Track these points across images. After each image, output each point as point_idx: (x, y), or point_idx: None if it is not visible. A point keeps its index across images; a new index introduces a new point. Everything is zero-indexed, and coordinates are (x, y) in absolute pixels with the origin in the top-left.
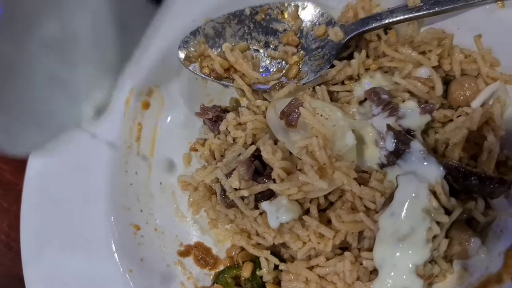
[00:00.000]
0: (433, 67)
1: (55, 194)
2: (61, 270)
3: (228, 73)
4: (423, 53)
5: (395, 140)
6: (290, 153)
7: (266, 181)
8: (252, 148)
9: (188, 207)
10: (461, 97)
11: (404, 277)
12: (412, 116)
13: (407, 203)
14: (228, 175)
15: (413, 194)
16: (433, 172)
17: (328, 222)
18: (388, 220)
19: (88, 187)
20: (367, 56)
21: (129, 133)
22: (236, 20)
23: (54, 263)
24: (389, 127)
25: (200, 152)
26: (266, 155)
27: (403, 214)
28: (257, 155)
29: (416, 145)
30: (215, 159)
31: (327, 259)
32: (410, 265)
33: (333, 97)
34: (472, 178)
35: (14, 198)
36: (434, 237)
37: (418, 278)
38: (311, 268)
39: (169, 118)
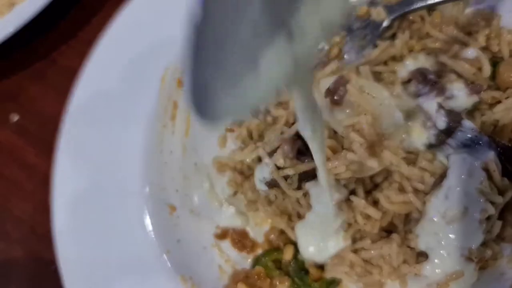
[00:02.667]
0: (480, 49)
1: (88, 173)
2: (97, 251)
3: None
4: (469, 34)
5: (446, 119)
6: (335, 132)
7: (311, 160)
8: (295, 126)
9: (227, 186)
10: (511, 79)
11: (455, 260)
12: (460, 96)
13: (460, 182)
14: (271, 153)
15: (467, 173)
16: (486, 151)
17: (373, 204)
18: (439, 201)
19: (122, 165)
20: (411, 37)
21: (164, 111)
22: None
23: (89, 244)
24: (439, 105)
25: (236, 133)
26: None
27: (455, 194)
28: (300, 135)
29: (467, 123)
30: (252, 139)
31: (373, 242)
32: (462, 248)
33: (376, 78)
34: None
35: (40, 181)
36: (487, 218)
37: (470, 261)
38: (355, 251)
39: None
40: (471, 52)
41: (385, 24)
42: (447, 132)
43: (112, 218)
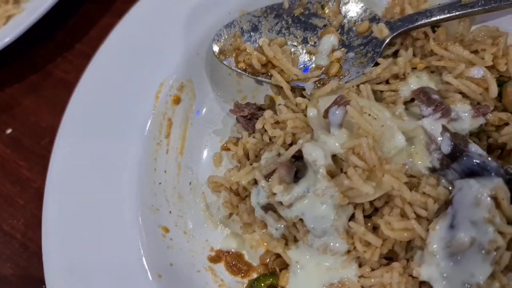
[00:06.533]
0: (486, 68)
1: (80, 190)
2: (86, 272)
3: (265, 68)
4: (475, 52)
5: (452, 142)
6: (334, 155)
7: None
8: (294, 148)
9: (223, 207)
10: None
11: None
12: (465, 118)
13: (467, 210)
14: (267, 176)
15: (474, 201)
16: (494, 177)
17: (373, 230)
18: (443, 230)
19: (115, 185)
20: (414, 55)
21: (159, 129)
22: (273, 13)
23: (79, 266)
24: (445, 128)
25: (232, 152)
26: (308, 156)
27: (462, 223)
28: (297, 156)
29: (474, 148)
30: (248, 159)
31: (372, 270)
32: (469, 280)
33: (377, 97)
34: None
35: (31, 196)
36: (496, 249)
37: None
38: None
39: (200, 115)
40: (477, 72)
41: (387, 41)
42: (452, 157)
43: (102, 240)
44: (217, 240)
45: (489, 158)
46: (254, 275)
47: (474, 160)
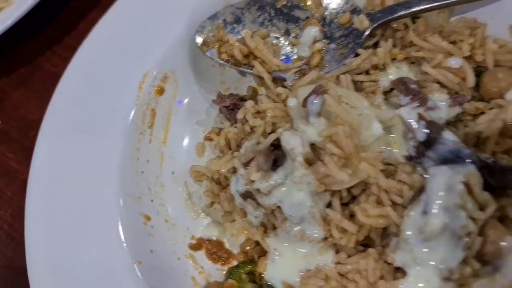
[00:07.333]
0: (464, 58)
1: (63, 181)
2: (68, 259)
3: (247, 59)
4: (453, 43)
5: (427, 130)
6: (313, 143)
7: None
8: (272, 136)
9: (204, 196)
10: (495, 89)
11: (432, 278)
12: (442, 107)
13: (439, 197)
14: (246, 164)
15: (446, 187)
16: (467, 164)
17: (350, 217)
18: (417, 216)
19: (97, 174)
20: (394, 46)
21: (142, 119)
22: (256, 6)
23: (61, 252)
24: (420, 116)
25: (214, 142)
26: (286, 144)
27: (435, 209)
28: (276, 144)
29: (449, 135)
30: (230, 149)
31: (349, 256)
32: (441, 266)
33: (357, 87)
34: (510, 173)
35: (19, 187)
36: (468, 235)
37: (448, 279)
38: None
39: (183, 106)
40: (455, 62)
41: (367, 32)
42: (427, 144)
43: (85, 226)
44: (199, 229)
45: (463, 145)
46: (234, 263)
47: (448, 147)
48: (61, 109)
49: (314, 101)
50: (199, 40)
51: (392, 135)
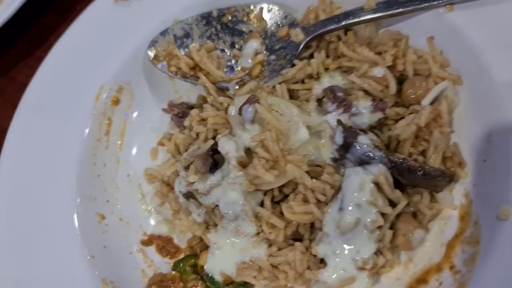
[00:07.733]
0: (389, 67)
1: (25, 185)
2: (23, 254)
3: (194, 71)
4: (379, 53)
5: (344, 134)
6: (248, 148)
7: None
8: (210, 142)
9: (155, 196)
10: (413, 96)
11: (349, 267)
12: (365, 113)
13: (353, 195)
14: (186, 168)
15: (358, 186)
16: (379, 165)
17: (281, 214)
18: (334, 212)
19: (56, 179)
20: (327, 56)
21: (99, 127)
22: (204, 21)
23: (14, 242)
24: (338, 122)
25: (167, 147)
26: (222, 149)
27: (349, 206)
28: (216, 149)
29: (363, 139)
30: (180, 153)
31: (279, 249)
32: (356, 256)
33: (293, 95)
34: (417, 172)
35: None
36: (379, 228)
37: (363, 268)
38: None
39: (138, 114)
40: (379, 71)
41: (302, 44)
42: (345, 147)
43: (41, 225)
44: (150, 226)
45: (375, 148)
46: (181, 257)
47: (363, 150)
48: (25, 118)
49: (248, 109)
50: (151, 54)
51: (321, 140)
